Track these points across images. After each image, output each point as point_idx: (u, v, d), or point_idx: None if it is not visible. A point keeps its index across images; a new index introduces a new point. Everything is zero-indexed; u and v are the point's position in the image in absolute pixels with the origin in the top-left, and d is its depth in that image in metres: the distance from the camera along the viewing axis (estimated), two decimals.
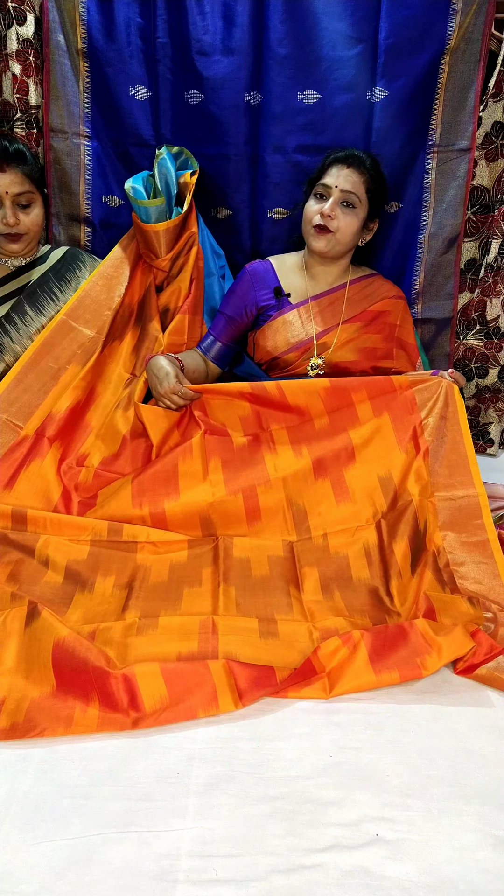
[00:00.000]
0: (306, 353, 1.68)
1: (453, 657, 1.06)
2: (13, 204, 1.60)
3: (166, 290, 1.77)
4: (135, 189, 1.69)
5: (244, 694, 0.98)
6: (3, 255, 1.70)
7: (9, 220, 1.60)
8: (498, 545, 1.27)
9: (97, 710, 0.95)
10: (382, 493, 1.41)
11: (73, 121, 1.80)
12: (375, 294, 1.72)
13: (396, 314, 1.72)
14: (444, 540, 1.29)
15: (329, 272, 1.71)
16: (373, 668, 1.03)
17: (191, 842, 0.78)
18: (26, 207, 1.63)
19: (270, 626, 1.15)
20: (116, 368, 1.69)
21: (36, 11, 1.71)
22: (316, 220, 1.61)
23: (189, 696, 0.97)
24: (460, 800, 0.85)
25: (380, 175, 1.64)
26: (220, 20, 1.70)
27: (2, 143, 1.58)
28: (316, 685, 1.02)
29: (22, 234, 1.64)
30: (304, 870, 0.75)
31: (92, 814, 0.81)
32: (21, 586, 1.21)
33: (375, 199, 1.64)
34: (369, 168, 1.61)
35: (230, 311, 1.74)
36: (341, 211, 1.60)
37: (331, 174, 1.61)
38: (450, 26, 1.67)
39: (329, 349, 1.68)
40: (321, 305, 1.70)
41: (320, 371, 1.69)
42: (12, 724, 0.93)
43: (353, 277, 1.73)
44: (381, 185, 1.65)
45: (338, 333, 1.68)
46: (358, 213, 1.62)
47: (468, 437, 1.41)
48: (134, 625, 1.12)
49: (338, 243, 1.63)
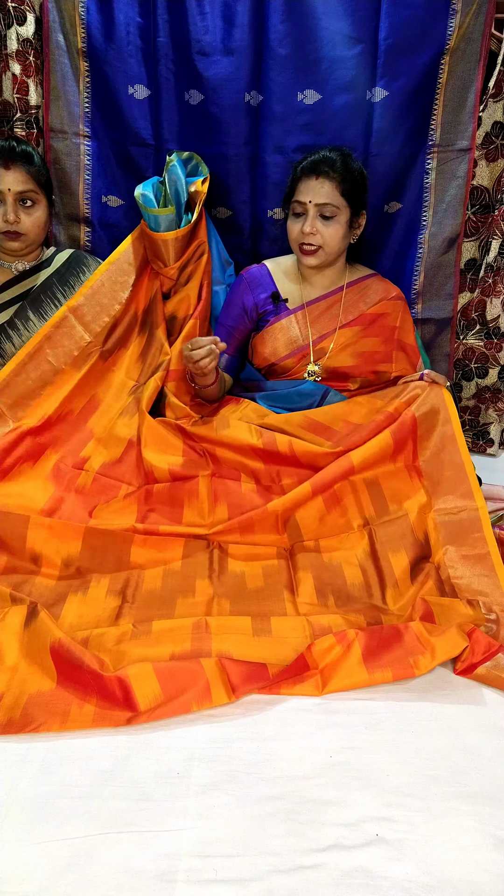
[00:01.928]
0: (303, 359, 1.68)
1: (447, 657, 1.06)
2: (15, 202, 1.60)
3: (174, 298, 1.75)
4: (144, 196, 1.67)
5: (237, 688, 0.98)
6: (6, 257, 1.69)
7: (9, 217, 1.59)
8: (499, 557, 1.28)
9: (93, 707, 0.95)
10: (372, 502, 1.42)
11: (73, 121, 1.80)
12: (373, 296, 1.71)
13: (395, 315, 1.71)
14: (444, 554, 1.30)
15: (325, 276, 1.70)
16: (366, 666, 1.03)
17: (191, 842, 0.78)
18: (29, 208, 1.63)
19: (264, 624, 1.14)
20: (119, 375, 1.67)
21: (36, 11, 1.71)
22: (300, 240, 1.60)
23: (183, 693, 0.97)
24: (460, 800, 0.85)
25: (352, 170, 1.58)
26: (221, 20, 1.70)
27: (10, 143, 1.59)
28: (308, 682, 1.02)
29: (21, 233, 1.63)
30: (304, 870, 0.75)
31: (92, 814, 0.81)
32: (15, 586, 1.21)
33: (355, 195, 1.59)
34: (340, 169, 1.55)
35: (230, 321, 1.72)
36: (322, 224, 1.57)
37: (302, 189, 1.58)
38: (450, 26, 1.67)
39: (326, 355, 1.67)
40: (318, 310, 1.69)
41: (318, 377, 1.68)
42: (9, 719, 0.93)
43: (350, 280, 1.72)
44: (357, 181, 1.59)
45: (335, 338, 1.67)
46: (340, 220, 1.59)
47: (464, 447, 1.42)
48: (128, 632, 1.12)
49: (327, 255, 1.62)
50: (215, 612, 1.19)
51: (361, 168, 1.62)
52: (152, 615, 1.18)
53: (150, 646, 1.07)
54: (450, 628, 1.09)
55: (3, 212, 1.60)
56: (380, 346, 1.69)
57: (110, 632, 1.11)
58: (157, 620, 1.15)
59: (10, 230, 1.61)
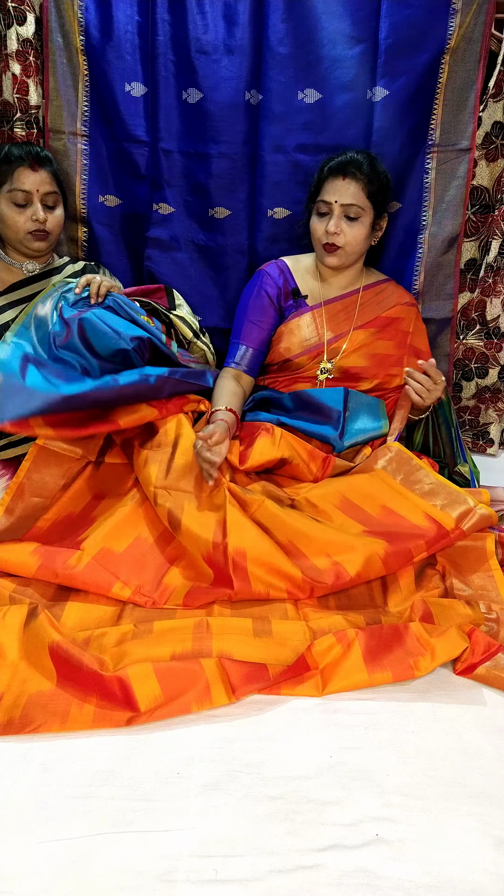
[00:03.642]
0: (318, 357, 1.68)
1: (447, 658, 1.06)
2: (42, 203, 1.63)
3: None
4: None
5: (237, 688, 0.99)
6: (19, 257, 1.70)
7: (39, 216, 1.62)
8: (500, 574, 1.29)
9: (93, 707, 0.95)
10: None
11: (72, 121, 1.79)
12: (389, 300, 1.72)
13: (409, 321, 1.72)
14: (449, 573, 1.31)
15: (342, 277, 1.72)
16: (366, 667, 1.03)
17: (191, 842, 0.78)
18: (52, 208, 1.66)
19: (264, 625, 1.14)
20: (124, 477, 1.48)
21: (36, 11, 1.71)
22: (324, 240, 1.61)
23: (183, 693, 0.97)
24: (460, 800, 0.85)
25: (378, 173, 1.61)
26: (221, 19, 1.70)
27: (33, 148, 1.63)
28: (309, 683, 1.02)
29: (48, 232, 1.66)
30: (304, 870, 0.75)
31: (92, 814, 0.81)
32: (17, 588, 1.21)
33: (379, 198, 1.62)
34: (367, 171, 1.58)
35: (258, 314, 1.69)
36: (346, 224, 1.59)
37: (328, 189, 1.59)
38: (450, 26, 1.67)
39: (339, 354, 1.67)
40: (335, 310, 1.70)
41: (329, 375, 1.68)
42: (8, 720, 0.93)
43: (366, 283, 1.73)
44: (383, 183, 1.62)
45: (350, 338, 1.68)
46: (364, 221, 1.60)
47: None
48: (129, 632, 1.12)
49: (349, 255, 1.63)
50: (216, 613, 1.19)
51: (386, 171, 1.64)
52: (153, 616, 1.18)
53: (151, 646, 1.07)
54: (450, 629, 1.09)
55: (31, 212, 1.62)
56: (393, 349, 1.70)
57: (112, 632, 1.11)
58: (158, 621, 1.15)
59: (39, 229, 1.64)
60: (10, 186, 1.60)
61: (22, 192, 1.60)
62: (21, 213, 1.62)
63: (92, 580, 1.21)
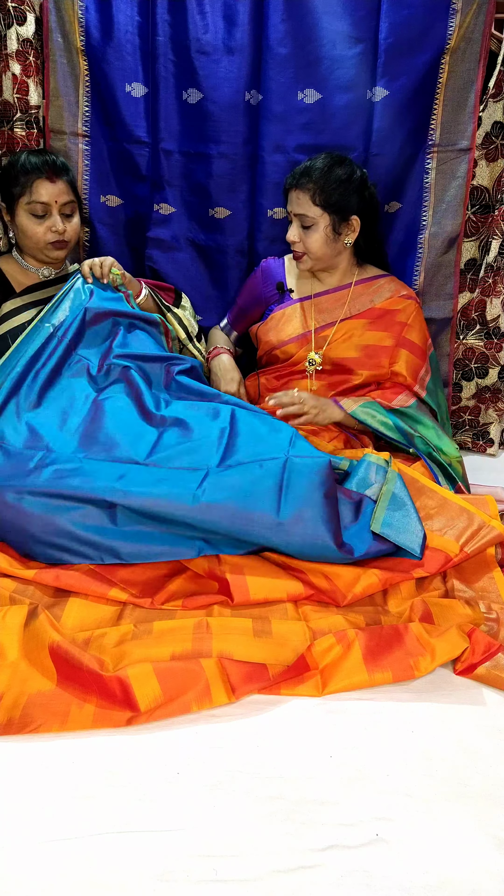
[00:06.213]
0: (305, 345, 1.70)
1: (447, 658, 1.06)
2: (60, 213, 1.65)
3: None
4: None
5: (237, 688, 0.98)
6: (36, 263, 1.73)
7: (58, 227, 1.64)
8: (501, 574, 1.29)
9: (93, 707, 0.95)
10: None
11: (73, 121, 1.80)
12: (384, 293, 1.73)
13: (407, 314, 1.71)
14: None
15: (332, 275, 1.73)
16: (366, 667, 1.03)
17: (191, 842, 0.78)
18: (69, 217, 1.68)
19: (264, 626, 1.14)
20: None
21: (36, 11, 1.71)
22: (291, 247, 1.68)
23: (183, 693, 0.97)
24: (460, 800, 0.85)
25: (332, 180, 1.58)
26: (221, 19, 1.70)
27: (50, 157, 1.65)
28: (309, 683, 1.02)
29: (68, 241, 1.68)
30: (304, 870, 0.75)
31: (92, 814, 0.81)
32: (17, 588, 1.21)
33: (334, 203, 1.60)
34: (316, 179, 1.58)
35: (242, 301, 1.84)
36: (303, 232, 1.64)
37: (288, 199, 1.66)
38: (450, 26, 1.67)
39: (326, 343, 1.68)
40: (324, 302, 1.72)
41: (318, 367, 1.69)
42: (8, 720, 0.93)
43: (360, 278, 1.74)
44: (336, 188, 1.59)
45: (337, 327, 1.69)
46: (318, 228, 1.62)
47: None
48: (129, 632, 1.11)
49: (316, 260, 1.66)
50: (216, 613, 1.19)
51: (350, 175, 1.60)
52: (154, 616, 1.18)
53: (151, 646, 1.07)
54: (450, 629, 1.09)
55: (50, 223, 1.64)
56: (385, 340, 1.69)
57: (112, 632, 1.11)
58: (158, 621, 1.15)
59: (59, 240, 1.66)
60: (29, 199, 1.61)
61: (41, 205, 1.62)
62: (40, 224, 1.64)
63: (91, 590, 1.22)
